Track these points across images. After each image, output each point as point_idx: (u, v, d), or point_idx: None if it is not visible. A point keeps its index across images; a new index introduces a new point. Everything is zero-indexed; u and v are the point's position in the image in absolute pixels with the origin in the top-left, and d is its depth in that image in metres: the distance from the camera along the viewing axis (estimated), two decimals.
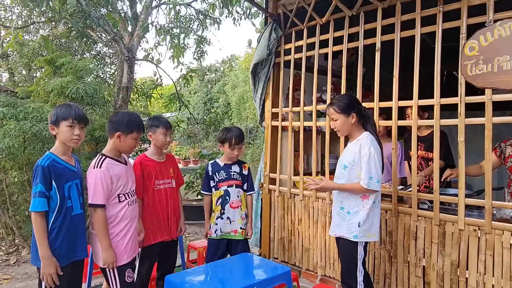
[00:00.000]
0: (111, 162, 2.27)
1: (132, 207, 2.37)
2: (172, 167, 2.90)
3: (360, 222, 2.37)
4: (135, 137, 2.34)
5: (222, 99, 27.00)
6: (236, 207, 3.00)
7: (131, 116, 2.37)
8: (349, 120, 2.40)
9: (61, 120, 2.12)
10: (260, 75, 3.84)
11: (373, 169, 2.29)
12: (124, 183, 2.32)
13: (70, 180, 2.14)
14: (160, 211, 2.76)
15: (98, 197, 2.16)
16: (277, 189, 3.78)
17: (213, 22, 10.78)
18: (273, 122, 3.86)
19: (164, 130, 2.77)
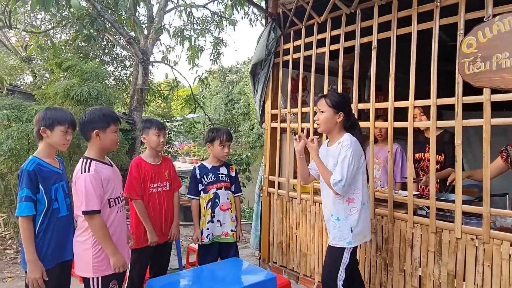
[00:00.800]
0: (99, 165, 2.20)
1: (121, 213, 2.30)
2: (167, 170, 2.88)
3: (352, 227, 2.29)
4: (114, 129, 2.24)
5: (242, 100, 27.07)
6: (226, 209, 2.95)
7: (102, 110, 2.29)
8: (335, 118, 2.32)
9: (56, 125, 2.11)
10: (260, 75, 3.77)
11: (345, 172, 2.21)
12: (113, 187, 2.24)
13: (56, 182, 2.14)
14: (153, 214, 2.75)
15: (93, 203, 2.08)
16: (275, 192, 3.70)
17: (229, 23, 10.80)
18: (272, 123, 3.79)
19: (156, 131, 2.76)
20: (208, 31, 10.32)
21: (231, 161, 9.24)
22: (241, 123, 26.31)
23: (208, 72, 10.16)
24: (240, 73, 29.07)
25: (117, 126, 2.29)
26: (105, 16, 7.35)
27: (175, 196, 2.95)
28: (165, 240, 2.86)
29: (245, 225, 7.73)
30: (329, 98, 2.34)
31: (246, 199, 9.94)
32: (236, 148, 20.93)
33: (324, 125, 2.36)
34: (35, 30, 9.09)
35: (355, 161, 2.22)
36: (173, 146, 11.60)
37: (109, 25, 8.85)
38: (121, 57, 12.19)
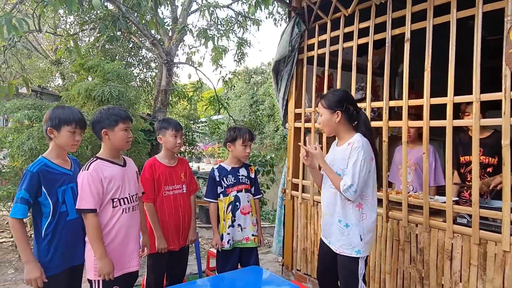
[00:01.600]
0: (103, 163, 2.13)
1: (128, 214, 2.19)
2: (183, 171, 2.76)
3: (362, 235, 2.13)
4: (122, 127, 2.16)
5: (267, 101, 26.93)
6: (247, 213, 2.79)
7: (109, 109, 2.22)
8: (333, 118, 2.18)
9: (63, 125, 2.03)
10: (283, 73, 3.59)
11: (356, 176, 2.05)
12: (118, 186, 2.14)
13: (64, 184, 2.06)
14: (168, 218, 2.62)
15: (86, 201, 2.02)
16: (299, 195, 3.50)
17: (253, 23, 10.68)
18: (296, 123, 3.59)
19: (174, 132, 2.64)
20: (232, 31, 10.24)
21: (255, 162, 9.11)
22: (266, 124, 26.21)
23: (232, 73, 10.06)
24: (265, 74, 28.95)
25: (126, 124, 2.20)
26: (130, 17, 7.41)
27: (192, 199, 2.81)
28: (182, 246, 2.73)
29: (269, 228, 7.54)
30: (324, 98, 2.23)
31: (270, 201, 9.79)
32: (260, 150, 20.83)
33: (325, 128, 2.25)
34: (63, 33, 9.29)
35: (367, 164, 2.08)
36: (197, 147, 11.60)
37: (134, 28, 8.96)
38: (147, 59, 12.33)
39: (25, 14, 7.74)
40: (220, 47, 9.58)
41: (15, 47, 7.96)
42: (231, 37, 10.07)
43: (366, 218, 2.15)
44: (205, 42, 7.28)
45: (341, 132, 2.22)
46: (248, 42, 10.67)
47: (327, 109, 2.19)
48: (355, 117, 2.21)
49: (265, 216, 9.51)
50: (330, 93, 2.26)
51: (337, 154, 2.23)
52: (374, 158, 2.16)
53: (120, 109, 2.28)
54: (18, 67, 9.26)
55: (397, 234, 2.65)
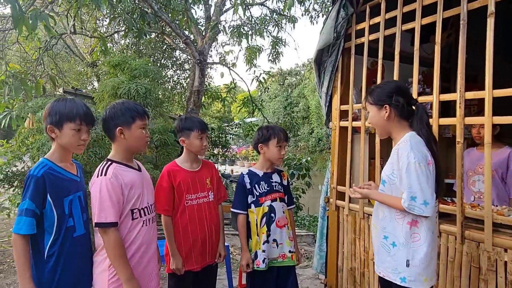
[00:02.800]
0: (120, 167, 1.80)
1: (148, 227, 1.87)
2: (209, 176, 2.37)
3: (409, 259, 1.75)
4: (140, 125, 1.83)
5: (302, 103, 26.37)
6: (282, 225, 2.39)
7: (125, 103, 1.87)
8: (381, 114, 1.86)
9: (66, 122, 1.69)
10: (326, 64, 3.12)
11: (416, 185, 1.67)
12: (139, 195, 1.82)
13: (71, 193, 1.71)
14: (192, 232, 2.23)
15: (108, 213, 1.68)
16: (346, 206, 3.01)
17: (288, 20, 10.26)
18: (341, 122, 3.11)
19: (199, 133, 2.26)
20: (266, 30, 9.88)
21: (290, 166, 8.65)
22: (300, 126, 25.68)
23: (266, 72, 9.67)
24: (300, 76, 28.44)
25: (144, 121, 1.84)
26: (162, 16, 7.21)
27: (220, 209, 2.41)
28: (210, 263, 2.33)
29: (305, 237, 7.05)
30: (370, 94, 1.93)
31: (305, 206, 9.36)
32: (295, 153, 20.30)
33: (376, 128, 1.95)
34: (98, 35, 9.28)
35: (423, 167, 1.68)
36: (230, 149, 11.30)
37: (168, 29, 8.79)
38: (181, 61, 12.22)
39: (58, 14, 7.74)
40: (254, 47, 9.24)
41: (51, 50, 8.00)
42: (265, 36, 9.66)
43: (418, 240, 1.74)
44: (238, 39, 6.94)
45: (393, 131, 1.88)
46: (283, 41, 10.27)
47: (374, 104, 1.89)
48: (409, 112, 1.84)
49: (300, 222, 9.05)
50: (377, 86, 1.96)
51: (389, 159, 1.86)
52: (433, 162, 1.73)
53: (136, 104, 1.93)
54: (55, 70, 9.35)
55: (477, 260, 2.11)
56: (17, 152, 3.69)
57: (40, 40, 7.58)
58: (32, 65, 7.63)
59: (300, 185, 8.59)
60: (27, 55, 8.49)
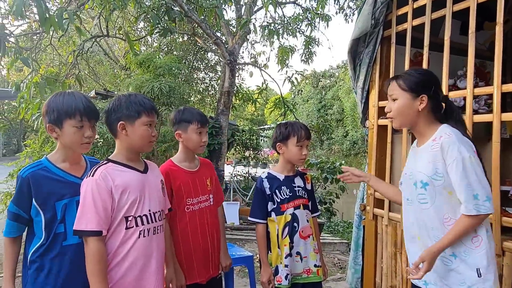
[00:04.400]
0: (115, 168, 1.57)
1: (148, 239, 1.60)
2: (209, 176, 2.11)
3: (480, 268, 1.51)
4: (145, 122, 1.61)
5: (336, 105, 25.75)
6: (307, 236, 2.10)
7: (131, 96, 1.65)
8: (414, 104, 1.64)
9: (65, 119, 1.52)
10: (362, 55, 2.79)
11: (475, 182, 1.47)
12: (135, 200, 1.57)
13: (66, 197, 1.53)
14: (193, 241, 1.97)
15: (89, 219, 1.45)
16: (385, 215, 2.66)
17: (321, 19, 9.93)
18: (380, 120, 2.76)
19: (198, 127, 1.99)
20: (299, 30, 9.59)
21: (323, 169, 8.28)
22: (334, 129, 25.07)
23: (298, 72, 9.36)
24: (334, 77, 27.82)
25: (150, 118, 1.61)
26: (192, 17, 7.10)
27: (220, 212, 2.16)
28: (213, 276, 2.06)
29: (339, 245, 6.66)
30: (403, 78, 1.69)
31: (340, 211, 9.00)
32: (329, 156, 19.75)
33: (400, 118, 1.70)
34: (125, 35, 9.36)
35: (475, 159, 1.50)
36: (262, 152, 11.07)
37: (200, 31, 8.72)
38: (213, 63, 12.17)
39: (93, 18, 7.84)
40: (286, 47, 8.97)
41: (86, 53, 8.14)
42: (298, 36, 9.38)
43: (480, 244, 1.52)
44: (269, 37, 6.68)
45: (421, 125, 1.67)
46: (317, 41, 9.93)
47: (407, 91, 1.65)
48: (441, 106, 1.68)
49: (333, 228, 8.66)
50: (412, 72, 1.71)
51: (419, 157, 1.66)
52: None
53: (145, 97, 1.70)
54: (90, 72, 9.53)
55: None
56: (42, 152, 3.63)
57: (75, 44, 7.72)
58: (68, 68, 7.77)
59: (334, 189, 8.28)
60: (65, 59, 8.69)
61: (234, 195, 8.38)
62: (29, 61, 4.63)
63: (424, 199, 1.59)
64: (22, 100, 4.59)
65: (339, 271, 4.92)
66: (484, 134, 3.01)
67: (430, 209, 1.58)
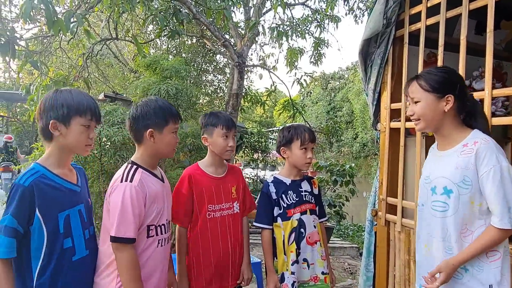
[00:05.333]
0: (147, 175, 1.55)
1: (163, 248, 1.60)
2: (235, 184, 2.05)
3: (493, 284, 1.42)
4: (173, 129, 1.61)
5: (346, 107, 25.57)
6: (314, 242, 2.04)
7: (159, 101, 1.62)
8: (439, 106, 1.53)
9: (75, 115, 1.42)
10: (374, 56, 2.71)
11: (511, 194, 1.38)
12: (159, 210, 1.56)
13: (68, 207, 1.43)
14: (213, 250, 1.92)
15: (128, 227, 1.43)
16: (398, 221, 2.56)
17: (331, 20, 9.85)
18: (392, 123, 2.67)
19: (224, 131, 1.94)
20: (308, 31, 9.51)
21: (333, 172, 8.17)
22: (344, 131, 24.90)
23: (307, 74, 9.28)
24: (343, 79, 27.65)
25: (177, 125, 1.61)
26: (201, 19, 7.08)
27: (245, 222, 2.09)
28: (233, 287, 2.00)
29: (349, 249, 6.57)
30: (424, 79, 1.59)
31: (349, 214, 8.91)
32: (338, 158, 19.58)
33: (424, 120, 1.59)
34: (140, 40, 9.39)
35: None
36: (271, 155, 10.98)
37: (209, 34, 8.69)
38: (223, 64, 12.14)
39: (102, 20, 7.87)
40: (295, 49, 8.90)
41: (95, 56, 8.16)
42: (307, 38, 9.33)
43: (498, 259, 1.42)
44: (278, 38, 6.62)
45: (446, 127, 1.57)
46: (326, 42, 9.84)
47: (431, 92, 1.55)
48: (467, 107, 1.57)
49: (343, 232, 8.56)
50: (433, 71, 1.61)
51: (442, 162, 1.56)
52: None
53: (170, 104, 1.68)
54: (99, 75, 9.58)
55: None
56: None
57: (85, 47, 7.75)
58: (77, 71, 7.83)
59: (344, 192, 8.18)
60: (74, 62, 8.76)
61: None
62: (38, 64, 4.65)
63: (444, 207, 1.50)
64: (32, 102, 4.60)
65: (350, 276, 4.82)
66: (501, 136, 2.90)
67: (450, 218, 1.49)
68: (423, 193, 1.64)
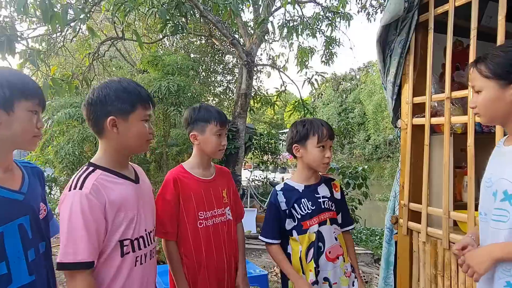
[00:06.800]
0: (106, 177, 1.25)
1: (145, 266, 1.31)
2: (225, 187, 1.79)
3: None
4: (142, 116, 1.29)
5: (358, 109, 25.16)
6: (335, 258, 1.73)
7: (122, 82, 1.31)
8: (506, 95, 1.26)
9: (19, 99, 1.13)
10: (393, 45, 2.42)
11: None
12: (131, 219, 1.26)
13: (2, 223, 1.09)
14: (207, 262, 1.65)
15: (80, 247, 1.13)
16: (423, 230, 2.26)
17: (342, 18, 9.57)
18: (415, 119, 2.38)
19: (218, 128, 1.69)
20: (319, 30, 9.25)
21: (345, 174, 7.85)
22: (356, 133, 24.47)
23: (318, 74, 9.00)
24: (355, 80, 27.23)
25: (147, 111, 1.30)
26: (208, 16, 6.87)
27: (240, 230, 1.83)
28: None
29: (363, 255, 6.22)
30: (486, 63, 1.30)
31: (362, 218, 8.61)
32: (350, 160, 19.18)
33: (486, 111, 1.33)
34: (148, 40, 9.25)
35: None
36: (281, 157, 10.71)
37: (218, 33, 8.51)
38: (232, 65, 11.96)
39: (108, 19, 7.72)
40: (306, 48, 8.64)
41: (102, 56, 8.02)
42: (318, 37, 9.06)
43: None
44: (287, 35, 6.37)
45: None
46: (337, 41, 9.56)
47: (493, 79, 1.27)
48: None
49: (356, 236, 8.23)
50: (497, 52, 1.31)
51: (508, 160, 1.30)
52: None
53: (139, 85, 1.35)
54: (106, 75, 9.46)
55: None
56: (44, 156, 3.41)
57: (91, 47, 7.63)
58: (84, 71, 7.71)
59: (356, 195, 7.90)
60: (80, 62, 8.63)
61: (251, 201, 8.06)
62: (37, 62, 4.47)
63: (505, 216, 1.20)
64: None
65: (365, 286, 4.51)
66: None
67: (506, 230, 1.19)
68: (484, 200, 1.34)
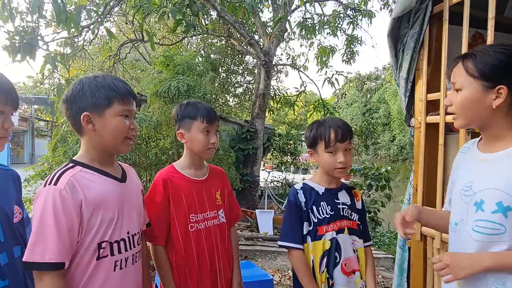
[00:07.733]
0: (85, 174, 1.19)
1: (124, 271, 1.23)
2: (219, 188, 1.71)
3: None
4: (120, 111, 1.22)
5: (382, 108, 24.60)
6: (351, 272, 1.59)
7: (97, 78, 1.25)
8: (487, 98, 1.15)
9: None
10: (406, 39, 2.29)
11: None
12: (111, 219, 1.20)
13: None
14: (200, 269, 1.58)
15: (47, 247, 1.07)
16: (437, 236, 2.11)
17: (364, 15, 9.35)
18: (429, 117, 2.23)
19: (205, 124, 1.59)
20: (340, 28, 9.06)
21: (367, 176, 7.64)
22: (380, 133, 23.90)
23: (339, 72, 8.81)
24: (380, 80, 26.65)
25: (126, 106, 1.22)
26: (225, 17, 6.85)
27: (233, 234, 1.75)
28: None
29: (383, 259, 6.01)
30: (474, 60, 1.18)
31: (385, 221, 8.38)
32: (374, 161, 18.74)
33: (463, 113, 1.21)
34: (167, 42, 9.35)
35: None
36: (300, 157, 10.56)
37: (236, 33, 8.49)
38: (252, 66, 11.93)
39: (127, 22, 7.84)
40: (326, 47, 8.48)
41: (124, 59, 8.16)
42: (339, 35, 8.88)
43: None
44: (306, 34, 6.25)
45: (496, 126, 1.19)
46: (359, 39, 9.33)
47: (478, 79, 1.16)
48: None
49: (378, 239, 7.99)
50: (487, 50, 1.18)
51: (491, 168, 1.17)
52: None
53: (117, 79, 1.30)
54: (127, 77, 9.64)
55: None
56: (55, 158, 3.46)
57: (111, 49, 7.78)
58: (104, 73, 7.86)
59: (379, 197, 7.68)
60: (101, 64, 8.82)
61: (269, 202, 7.98)
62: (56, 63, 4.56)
63: (498, 229, 1.09)
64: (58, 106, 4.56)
65: None
66: None
67: (505, 244, 1.07)
68: (459, 208, 1.22)
